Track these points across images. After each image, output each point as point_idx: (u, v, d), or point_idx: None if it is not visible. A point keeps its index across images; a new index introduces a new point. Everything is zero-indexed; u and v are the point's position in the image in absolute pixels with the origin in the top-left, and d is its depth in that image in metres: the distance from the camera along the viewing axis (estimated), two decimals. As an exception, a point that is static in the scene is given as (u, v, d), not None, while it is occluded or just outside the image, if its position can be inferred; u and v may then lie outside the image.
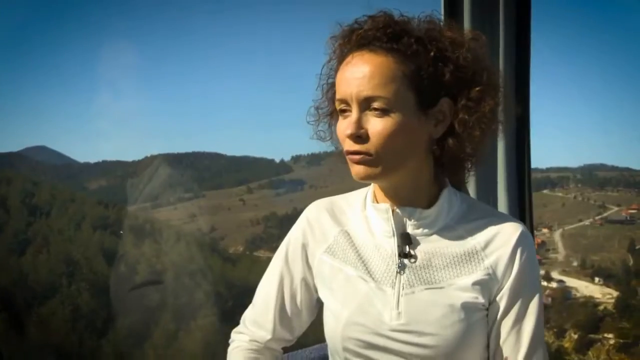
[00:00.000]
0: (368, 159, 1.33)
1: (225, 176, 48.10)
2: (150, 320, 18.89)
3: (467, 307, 1.39)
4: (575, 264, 37.15)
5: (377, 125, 1.32)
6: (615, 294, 32.48)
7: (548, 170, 43.61)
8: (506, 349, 1.41)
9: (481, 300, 1.39)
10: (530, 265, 1.40)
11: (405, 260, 1.44)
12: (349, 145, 1.34)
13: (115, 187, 44.39)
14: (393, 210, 1.44)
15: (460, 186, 1.67)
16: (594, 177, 44.20)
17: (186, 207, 41.49)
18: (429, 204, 1.44)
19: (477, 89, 1.36)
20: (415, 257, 1.44)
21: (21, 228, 26.12)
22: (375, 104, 1.31)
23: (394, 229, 1.44)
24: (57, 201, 27.93)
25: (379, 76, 1.31)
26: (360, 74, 1.32)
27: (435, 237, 1.45)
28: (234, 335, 1.68)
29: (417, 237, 1.45)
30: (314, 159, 48.30)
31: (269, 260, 1.70)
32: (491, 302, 1.42)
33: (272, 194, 46.75)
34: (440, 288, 1.42)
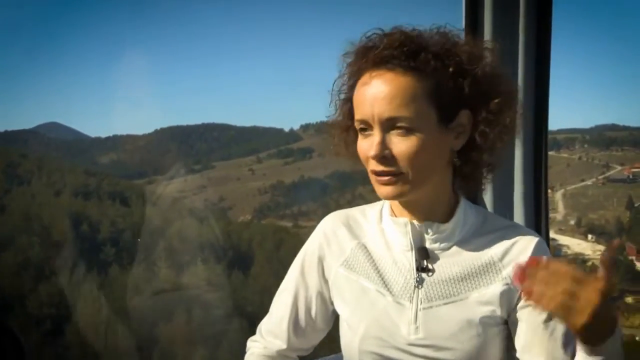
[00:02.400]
0: (395, 180, 1.33)
1: (235, 147, 47.05)
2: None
3: (484, 322, 1.38)
4: (572, 222, 36.73)
5: (401, 146, 1.30)
6: (604, 250, 32.15)
7: (558, 132, 42.48)
8: (542, 344, 1.37)
9: (499, 313, 1.38)
10: None
11: (424, 275, 1.43)
12: (374, 166, 1.34)
13: (126, 160, 44.21)
14: (411, 224, 1.44)
15: (477, 195, 1.76)
16: (603, 137, 42.76)
17: (195, 178, 40.83)
18: (446, 217, 1.44)
19: (497, 100, 1.34)
20: (433, 271, 1.43)
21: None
22: (398, 124, 1.30)
23: (412, 243, 1.44)
24: (42, 171, 28.01)
25: (400, 96, 1.28)
26: (381, 94, 1.29)
27: (452, 250, 1.44)
28: (250, 343, 1.70)
29: (435, 251, 1.44)
30: (323, 127, 45.66)
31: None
32: (512, 310, 1.40)
33: (280, 163, 45.42)
34: (459, 302, 1.40)
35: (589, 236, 35.32)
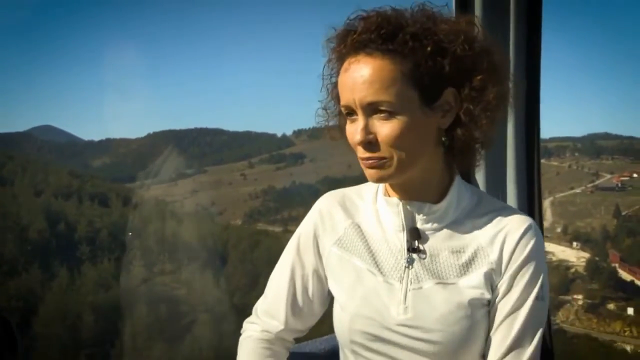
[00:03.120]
0: (381, 163, 1.32)
1: (227, 152, 48.32)
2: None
3: (473, 304, 1.38)
4: (558, 230, 37.18)
5: (385, 129, 1.29)
6: (588, 257, 33.17)
7: (550, 140, 42.98)
8: (496, 338, 1.39)
9: (487, 296, 1.38)
10: (535, 256, 1.37)
11: (414, 255, 1.43)
12: (361, 152, 1.33)
13: (118, 164, 45.65)
14: (403, 205, 1.43)
15: (471, 173, 1.80)
16: (594, 145, 43.63)
17: (187, 182, 42.21)
18: (439, 198, 1.43)
19: (479, 77, 1.32)
20: (424, 252, 1.43)
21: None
22: (380, 108, 1.29)
23: (404, 224, 1.43)
24: (27, 172, 29.01)
25: (379, 81, 1.28)
26: (360, 79, 1.29)
27: (444, 231, 1.44)
28: (246, 325, 1.68)
29: (427, 232, 1.43)
30: (315, 133, 45.58)
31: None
32: (494, 291, 1.40)
33: (272, 168, 46.69)
34: (448, 284, 1.40)
35: (574, 243, 35.87)
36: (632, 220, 35.56)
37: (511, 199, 2.16)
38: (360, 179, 1.51)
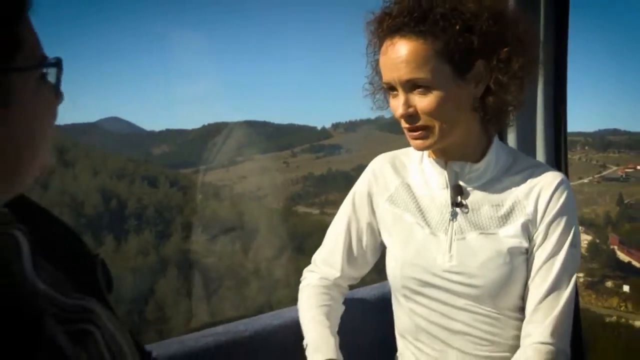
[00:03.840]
0: (423, 133, 1.40)
1: (272, 142, 47.54)
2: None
3: (511, 252, 1.44)
4: (566, 216, 37.34)
5: (423, 103, 1.36)
6: (590, 239, 33.72)
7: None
8: (535, 282, 1.43)
9: (524, 244, 1.44)
10: (567, 208, 1.43)
11: (457, 209, 1.49)
12: (404, 124, 1.42)
13: (176, 152, 46.29)
14: (447, 164, 1.49)
15: (503, 133, 1.93)
16: (604, 140, 43.39)
17: (237, 169, 42.23)
18: (479, 157, 1.49)
19: (505, 49, 1.36)
20: (466, 206, 1.49)
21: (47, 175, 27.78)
22: (418, 84, 1.36)
23: (448, 182, 1.50)
24: (88, 157, 30.37)
25: (414, 60, 1.34)
26: (397, 60, 1.36)
27: (484, 187, 1.49)
28: (306, 273, 1.75)
29: (468, 188, 1.50)
30: (351, 126, 48.22)
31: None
32: (531, 241, 1.45)
33: (312, 157, 46.68)
34: (489, 234, 1.46)
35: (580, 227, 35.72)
36: (634, 207, 36.12)
37: (540, 156, 2.14)
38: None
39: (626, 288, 29.71)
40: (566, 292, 1.41)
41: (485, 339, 1.48)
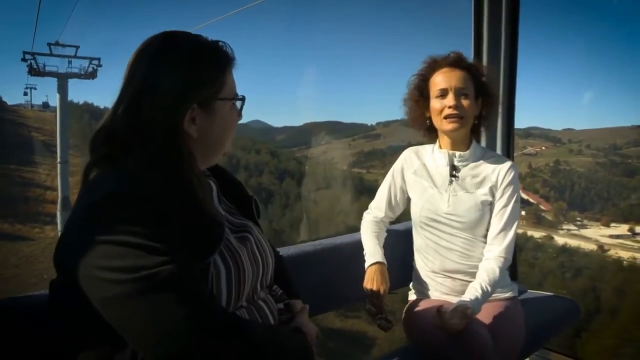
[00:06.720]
0: (460, 120, 1.99)
1: (342, 133, 62.42)
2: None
3: (483, 203, 2.03)
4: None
5: (464, 103, 1.98)
6: None
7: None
8: (494, 222, 2.03)
9: (490, 199, 2.03)
10: (514, 182, 2.04)
11: (453, 179, 2.07)
12: (448, 111, 1.98)
13: (289, 138, 64.01)
14: (448, 153, 2.08)
15: (479, 137, 2.34)
16: (527, 133, 53.58)
17: (320, 149, 57.86)
18: (466, 149, 2.09)
19: (490, 95, 2.05)
20: (458, 177, 2.07)
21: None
22: (463, 92, 1.98)
23: (448, 162, 2.09)
24: (260, 155, 42.03)
25: (464, 79, 1.99)
26: (455, 76, 1.99)
27: (469, 166, 2.08)
28: (364, 214, 2.33)
29: (459, 166, 2.08)
30: (386, 124, 61.56)
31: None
32: (494, 197, 2.04)
33: (363, 142, 59.74)
34: (470, 193, 2.06)
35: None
36: (536, 170, 46.85)
37: (499, 149, 2.95)
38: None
39: (523, 213, 36.01)
40: (512, 228, 2.00)
41: (465, 254, 2.08)
